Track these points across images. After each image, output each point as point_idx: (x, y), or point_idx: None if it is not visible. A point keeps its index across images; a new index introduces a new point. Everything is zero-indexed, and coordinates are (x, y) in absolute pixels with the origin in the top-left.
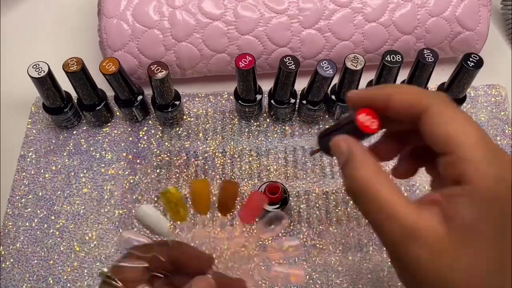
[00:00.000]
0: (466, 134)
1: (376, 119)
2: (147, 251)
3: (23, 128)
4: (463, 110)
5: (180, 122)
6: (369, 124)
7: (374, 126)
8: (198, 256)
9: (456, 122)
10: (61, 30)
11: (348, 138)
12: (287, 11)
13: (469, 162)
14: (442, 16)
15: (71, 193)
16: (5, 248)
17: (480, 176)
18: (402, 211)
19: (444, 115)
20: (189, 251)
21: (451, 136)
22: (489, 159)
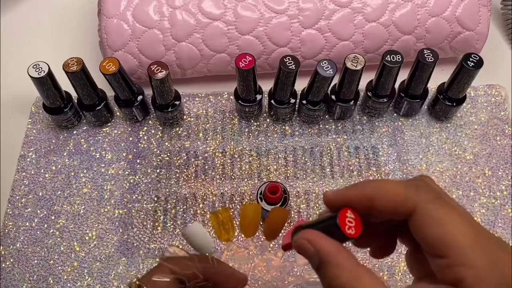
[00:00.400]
0: (461, 234)
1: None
2: (187, 267)
3: (23, 128)
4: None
5: (180, 122)
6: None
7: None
8: (235, 275)
9: (448, 222)
10: (61, 30)
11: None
12: (287, 11)
13: (469, 267)
14: (442, 16)
15: (71, 193)
16: (5, 248)
17: (481, 283)
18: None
19: (434, 215)
20: (226, 270)
21: (445, 239)
22: (490, 263)
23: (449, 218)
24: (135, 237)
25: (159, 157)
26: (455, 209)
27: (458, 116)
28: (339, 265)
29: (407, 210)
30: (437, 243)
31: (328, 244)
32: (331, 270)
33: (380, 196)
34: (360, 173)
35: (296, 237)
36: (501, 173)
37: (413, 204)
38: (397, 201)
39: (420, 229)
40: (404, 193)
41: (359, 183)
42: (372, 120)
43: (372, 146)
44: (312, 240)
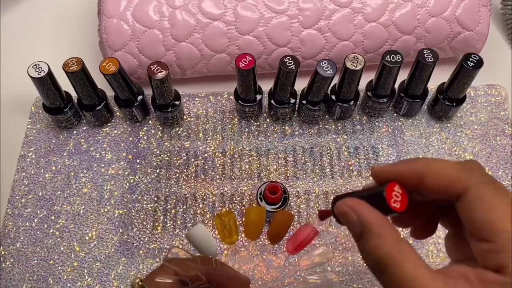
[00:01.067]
0: (511, 221)
1: (403, 196)
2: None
3: (23, 128)
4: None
5: (180, 122)
6: (395, 201)
7: (397, 205)
8: (237, 277)
9: (499, 208)
10: (61, 30)
11: (362, 207)
12: (287, 11)
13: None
14: (442, 16)
15: (71, 193)
16: (5, 248)
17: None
18: (430, 286)
19: (486, 199)
20: (229, 272)
21: (493, 224)
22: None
23: (501, 203)
24: (135, 237)
25: (159, 157)
26: (507, 196)
27: (458, 116)
28: (381, 236)
29: (458, 191)
30: (486, 227)
31: (372, 214)
32: (373, 240)
33: (432, 174)
34: (360, 173)
35: (340, 203)
36: (501, 173)
37: (465, 185)
38: (450, 180)
39: (470, 211)
40: (458, 173)
41: (410, 159)
42: (372, 120)
43: (372, 146)
44: (356, 208)
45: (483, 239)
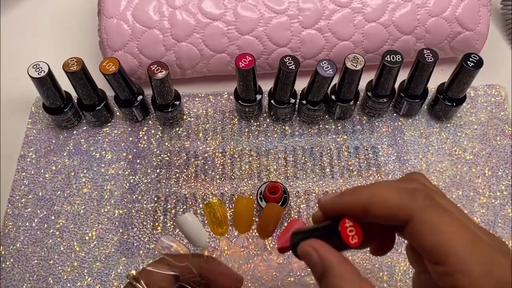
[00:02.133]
0: (458, 242)
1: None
2: (181, 261)
3: (23, 128)
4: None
5: (180, 122)
6: (351, 236)
7: (354, 241)
8: (229, 275)
9: (444, 230)
10: (61, 30)
11: (321, 246)
12: (287, 11)
13: (465, 275)
14: (442, 16)
15: (71, 193)
16: (5, 248)
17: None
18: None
19: (430, 224)
20: (221, 268)
21: (442, 246)
22: (487, 270)
23: (446, 225)
24: (135, 237)
25: (159, 157)
26: (451, 215)
27: (458, 116)
28: (342, 276)
29: (403, 217)
30: (434, 250)
31: (332, 254)
32: (334, 281)
33: (375, 204)
34: (360, 173)
35: (302, 244)
36: (501, 173)
37: (409, 212)
38: (393, 209)
39: (417, 237)
40: (400, 201)
41: (354, 190)
42: (372, 120)
43: (372, 146)
44: (318, 249)
45: (435, 262)
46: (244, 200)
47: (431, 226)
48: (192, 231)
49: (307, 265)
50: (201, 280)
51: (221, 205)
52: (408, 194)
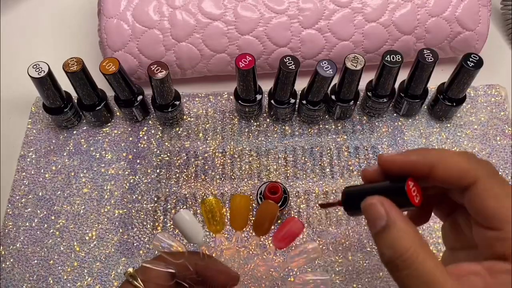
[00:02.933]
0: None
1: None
2: (178, 258)
3: (23, 128)
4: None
5: (180, 122)
6: (415, 196)
7: (417, 200)
8: (225, 272)
9: (505, 199)
10: (61, 30)
11: (386, 201)
12: (287, 11)
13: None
14: (442, 16)
15: (71, 193)
16: (5, 248)
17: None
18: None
19: (494, 190)
20: (217, 266)
21: (501, 213)
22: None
23: (507, 195)
24: (135, 237)
25: (159, 157)
26: (510, 188)
27: (458, 116)
28: (406, 230)
29: (468, 182)
30: (494, 215)
31: (397, 210)
32: (397, 233)
33: (443, 166)
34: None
35: (370, 198)
36: (501, 173)
37: (474, 177)
38: (460, 172)
39: (479, 201)
40: (467, 166)
41: (420, 150)
42: (372, 120)
43: (372, 146)
44: (383, 202)
45: (490, 227)
46: (240, 198)
47: (494, 192)
48: (188, 228)
49: (368, 219)
50: (197, 278)
51: (217, 203)
52: (476, 160)
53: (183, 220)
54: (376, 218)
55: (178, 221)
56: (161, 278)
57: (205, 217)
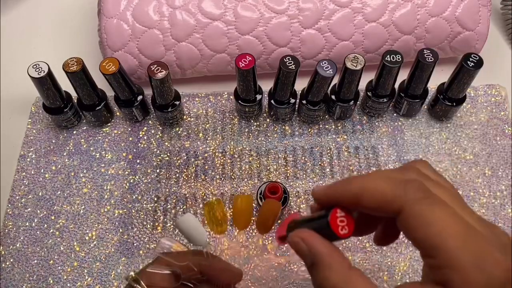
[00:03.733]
0: (449, 235)
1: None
2: (182, 260)
3: (23, 128)
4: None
5: (180, 122)
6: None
7: (344, 231)
8: (229, 270)
9: (435, 223)
10: (61, 30)
11: (308, 235)
12: (287, 11)
13: (455, 270)
14: (442, 16)
15: (71, 193)
16: (5, 248)
17: (468, 285)
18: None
19: (420, 217)
20: (221, 264)
21: (432, 240)
22: (478, 265)
23: (437, 218)
24: (135, 237)
25: (159, 157)
26: (444, 207)
27: (458, 116)
28: (331, 267)
29: (394, 210)
30: (425, 244)
31: (321, 244)
32: (323, 271)
33: (367, 195)
34: (360, 173)
35: (291, 234)
36: (501, 173)
37: (400, 204)
38: (384, 200)
39: (408, 230)
40: (392, 192)
41: (347, 180)
42: (372, 120)
43: (372, 146)
44: (306, 239)
45: (426, 255)
46: (242, 198)
47: (421, 219)
48: (192, 231)
49: (299, 256)
50: (202, 277)
51: (219, 204)
52: (401, 185)
53: (187, 224)
54: (302, 255)
55: (182, 225)
56: (166, 280)
57: (207, 219)
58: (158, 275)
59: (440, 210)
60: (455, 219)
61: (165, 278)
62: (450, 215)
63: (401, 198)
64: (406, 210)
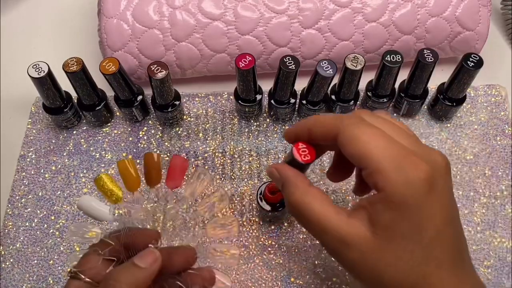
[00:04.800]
0: (373, 146)
1: (310, 150)
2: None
3: (23, 128)
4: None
5: (180, 122)
6: (303, 155)
7: (306, 158)
8: (143, 233)
9: (362, 138)
10: (61, 30)
11: (279, 166)
12: (287, 11)
13: (380, 173)
14: (442, 16)
15: (71, 193)
16: (5, 248)
17: (390, 184)
18: (334, 223)
19: (353, 135)
20: (135, 231)
21: (360, 151)
22: (397, 167)
23: (363, 134)
24: None
25: None
26: (372, 127)
27: (458, 116)
28: (295, 185)
29: (333, 134)
30: (356, 156)
31: (288, 170)
32: (289, 188)
33: (316, 127)
34: None
35: (268, 167)
36: (501, 173)
37: (337, 130)
38: (327, 129)
39: (343, 146)
40: (333, 121)
41: (304, 119)
42: None
43: None
44: (278, 167)
45: (360, 167)
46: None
47: (352, 137)
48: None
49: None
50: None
51: (106, 176)
52: (340, 117)
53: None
54: (275, 180)
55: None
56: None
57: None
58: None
59: (368, 128)
60: (380, 135)
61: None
62: (376, 132)
63: (339, 125)
64: (341, 132)
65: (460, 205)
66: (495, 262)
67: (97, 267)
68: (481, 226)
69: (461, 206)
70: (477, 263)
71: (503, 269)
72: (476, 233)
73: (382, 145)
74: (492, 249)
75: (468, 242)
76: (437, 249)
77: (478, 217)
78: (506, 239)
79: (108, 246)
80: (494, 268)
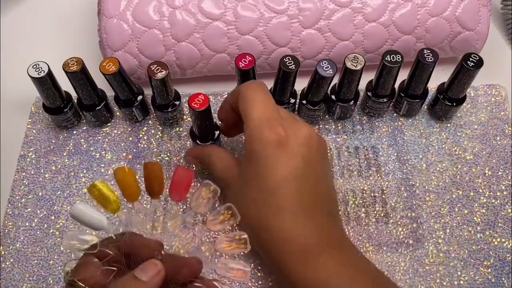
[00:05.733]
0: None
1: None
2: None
3: (23, 128)
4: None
5: (180, 122)
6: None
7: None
8: (146, 243)
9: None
10: (61, 30)
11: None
12: (287, 11)
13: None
14: (442, 16)
15: (71, 193)
16: (5, 248)
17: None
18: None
19: (244, 95)
20: (138, 240)
21: (243, 109)
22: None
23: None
24: None
25: (159, 157)
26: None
27: (458, 116)
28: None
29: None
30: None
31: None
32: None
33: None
34: (360, 173)
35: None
36: (501, 173)
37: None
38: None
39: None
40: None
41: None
42: (372, 120)
43: (372, 146)
44: (190, 152)
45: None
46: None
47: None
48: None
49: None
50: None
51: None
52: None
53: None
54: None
55: (76, 217)
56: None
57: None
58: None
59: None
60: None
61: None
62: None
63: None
64: (240, 91)
65: (460, 205)
66: (495, 262)
67: (95, 277)
68: (481, 226)
69: (461, 206)
70: (477, 263)
71: (503, 269)
72: (476, 233)
73: (261, 109)
74: (492, 249)
75: (468, 242)
76: (278, 197)
77: (478, 217)
78: (506, 239)
79: (108, 255)
80: (494, 268)
